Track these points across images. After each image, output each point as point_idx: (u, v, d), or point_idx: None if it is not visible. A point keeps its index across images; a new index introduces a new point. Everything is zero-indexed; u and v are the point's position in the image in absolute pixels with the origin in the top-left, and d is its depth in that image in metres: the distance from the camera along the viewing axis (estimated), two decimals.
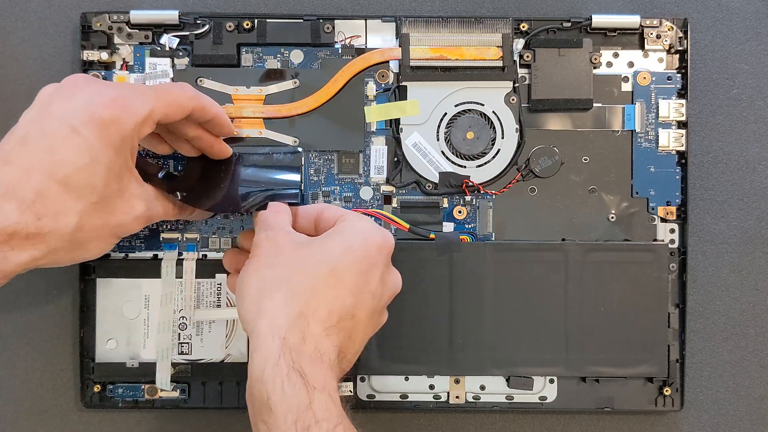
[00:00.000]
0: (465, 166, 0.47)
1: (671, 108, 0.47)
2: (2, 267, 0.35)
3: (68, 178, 0.35)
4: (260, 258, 0.38)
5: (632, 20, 0.47)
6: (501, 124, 0.47)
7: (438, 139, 0.47)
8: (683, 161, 0.47)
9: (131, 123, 0.37)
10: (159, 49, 0.47)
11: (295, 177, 0.45)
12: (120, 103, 0.36)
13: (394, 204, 0.47)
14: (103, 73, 0.47)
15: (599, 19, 0.47)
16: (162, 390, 0.46)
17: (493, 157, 0.47)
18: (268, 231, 0.39)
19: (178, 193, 0.42)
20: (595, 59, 0.47)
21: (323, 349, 0.35)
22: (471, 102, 0.47)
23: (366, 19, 0.47)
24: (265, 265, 0.37)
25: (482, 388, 0.47)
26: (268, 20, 0.47)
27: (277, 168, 0.45)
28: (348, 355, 0.37)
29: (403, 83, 0.46)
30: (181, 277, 0.46)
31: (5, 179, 0.34)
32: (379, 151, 0.47)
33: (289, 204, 0.42)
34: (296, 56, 0.47)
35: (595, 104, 0.47)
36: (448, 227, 0.47)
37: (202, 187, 0.44)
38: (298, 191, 0.44)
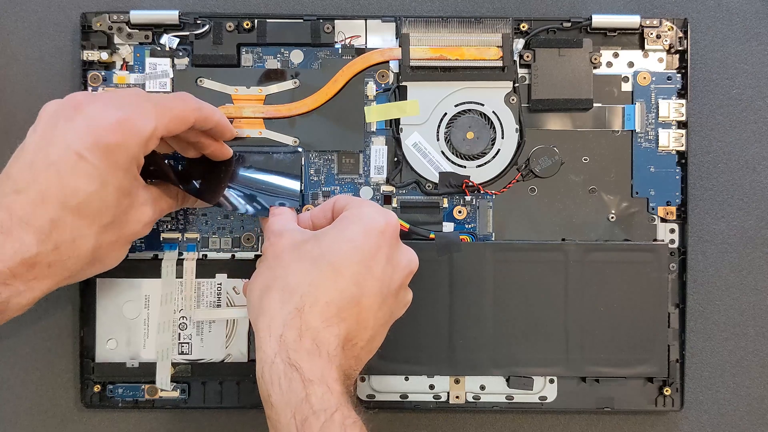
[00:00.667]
0: (465, 166, 0.47)
1: (671, 108, 0.47)
2: (29, 296, 0.36)
3: (81, 205, 0.36)
4: (263, 264, 0.39)
5: (632, 20, 0.47)
6: (501, 124, 0.47)
7: (438, 139, 0.47)
8: (683, 161, 0.47)
9: (136, 144, 0.37)
10: (159, 49, 0.47)
11: (295, 184, 0.45)
12: (123, 126, 0.36)
13: (394, 204, 0.47)
14: (103, 73, 0.47)
15: (599, 19, 0.47)
16: (162, 390, 0.46)
17: (493, 157, 0.47)
18: (271, 237, 0.40)
19: (195, 182, 0.43)
20: (595, 59, 0.47)
21: (322, 341, 0.35)
22: (471, 102, 0.47)
23: (366, 19, 0.47)
24: (266, 269, 0.38)
25: (482, 388, 0.47)
26: (268, 20, 0.47)
27: (277, 171, 0.45)
28: (360, 342, 0.37)
29: (403, 83, 0.46)
30: (181, 277, 0.46)
31: (19, 209, 0.35)
32: (379, 151, 0.47)
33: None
34: (296, 56, 0.47)
35: (595, 104, 0.47)
36: (448, 227, 0.47)
37: (203, 186, 0.44)
38: (297, 200, 0.44)
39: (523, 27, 0.47)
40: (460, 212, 0.47)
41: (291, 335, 0.35)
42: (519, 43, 0.47)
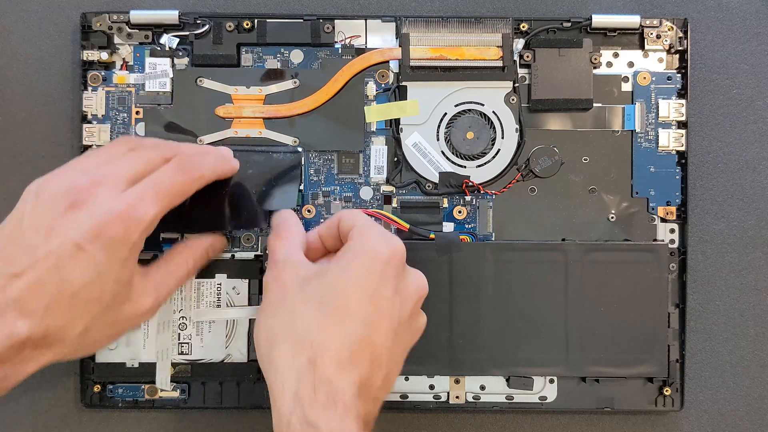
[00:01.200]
0: (465, 166, 0.47)
1: (671, 108, 0.47)
2: (14, 379, 0.36)
3: (76, 294, 0.35)
4: (267, 304, 0.38)
5: (632, 20, 0.47)
6: (501, 124, 0.47)
7: (438, 139, 0.47)
8: (683, 161, 0.47)
9: (137, 233, 0.36)
10: (159, 49, 0.47)
11: (295, 185, 0.45)
12: (126, 217, 0.36)
13: (394, 204, 0.47)
14: (103, 73, 0.47)
15: (599, 19, 0.47)
16: (162, 390, 0.46)
17: (493, 157, 0.47)
18: (273, 269, 0.39)
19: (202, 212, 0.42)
20: (595, 59, 0.47)
21: (337, 392, 0.34)
22: (471, 102, 0.47)
23: (366, 19, 0.47)
24: (271, 313, 0.37)
25: (482, 388, 0.47)
26: (268, 20, 0.47)
27: (276, 171, 0.45)
28: (377, 382, 0.36)
29: (403, 83, 0.46)
30: None
31: (14, 293, 0.35)
32: (379, 151, 0.47)
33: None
34: (296, 56, 0.47)
35: (595, 104, 0.47)
36: (448, 227, 0.47)
37: (198, 209, 0.43)
38: (296, 201, 0.44)
39: (523, 27, 0.47)
40: (460, 212, 0.47)
41: (305, 391, 0.34)
42: (519, 43, 0.47)
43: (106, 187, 0.37)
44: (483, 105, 0.47)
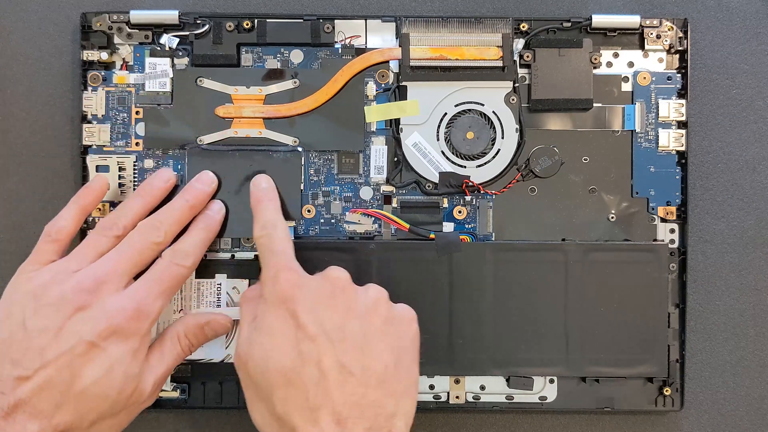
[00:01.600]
0: (465, 166, 0.47)
1: (671, 108, 0.47)
2: None
3: (86, 390, 0.37)
4: (246, 397, 0.40)
5: (632, 20, 0.47)
6: (501, 124, 0.47)
7: (438, 139, 0.47)
8: (683, 161, 0.47)
9: (148, 324, 0.39)
10: (159, 49, 0.47)
11: (295, 185, 0.45)
12: (137, 313, 0.38)
13: (394, 204, 0.47)
14: (103, 73, 0.47)
15: (599, 19, 0.47)
16: (162, 390, 0.46)
17: (493, 157, 0.47)
18: (236, 355, 0.40)
19: None
20: (595, 59, 0.47)
21: None
22: (471, 102, 0.47)
23: (366, 19, 0.47)
24: (251, 412, 0.39)
25: (482, 388, 0.47)
26: (268, 20, 0.47)
27: (274, 176, 0.46)
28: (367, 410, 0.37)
29: (403, 83, 0.46)
30: None
31: (25, 395, 0.36)
32: (379, 151, 0.47)
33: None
34: (296, 56, 0.47)
35: (595, 104, 0.47)
36: (448, 227, 0.47)
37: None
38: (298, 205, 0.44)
39: (523, 27, 0.47)
40: (460, 212, 0.47)
41: None
42: (519, 43, 0.47)
43: (111, 285, 0.38)
44: (483, 105, 0.47)
